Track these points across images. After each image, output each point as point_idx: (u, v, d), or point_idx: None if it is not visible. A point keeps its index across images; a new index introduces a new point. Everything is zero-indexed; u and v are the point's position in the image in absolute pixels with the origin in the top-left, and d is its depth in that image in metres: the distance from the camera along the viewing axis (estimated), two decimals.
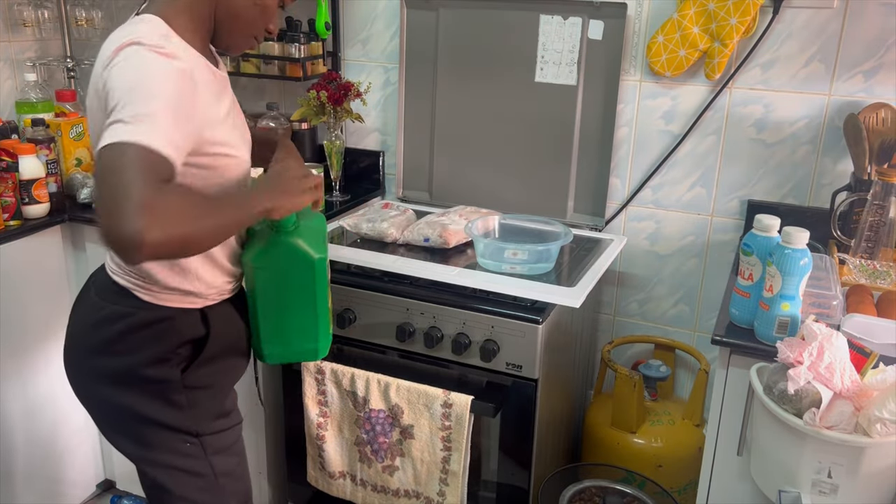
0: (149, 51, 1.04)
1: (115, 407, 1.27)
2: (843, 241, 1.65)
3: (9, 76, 2.39)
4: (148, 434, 1.27)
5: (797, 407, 1.17)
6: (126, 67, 1.03)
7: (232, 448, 1.36)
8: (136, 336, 1.22)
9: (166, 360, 1.23)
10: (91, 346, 1.26)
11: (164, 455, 1.29)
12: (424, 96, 2.13)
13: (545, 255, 1.67)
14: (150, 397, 1.25)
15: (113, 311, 1.23)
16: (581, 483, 1.79)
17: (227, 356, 1.32)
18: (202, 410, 1.29)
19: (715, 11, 1.75)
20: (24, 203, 1.92)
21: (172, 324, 1.23)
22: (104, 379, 1.26)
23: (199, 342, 1.26)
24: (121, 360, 1.23)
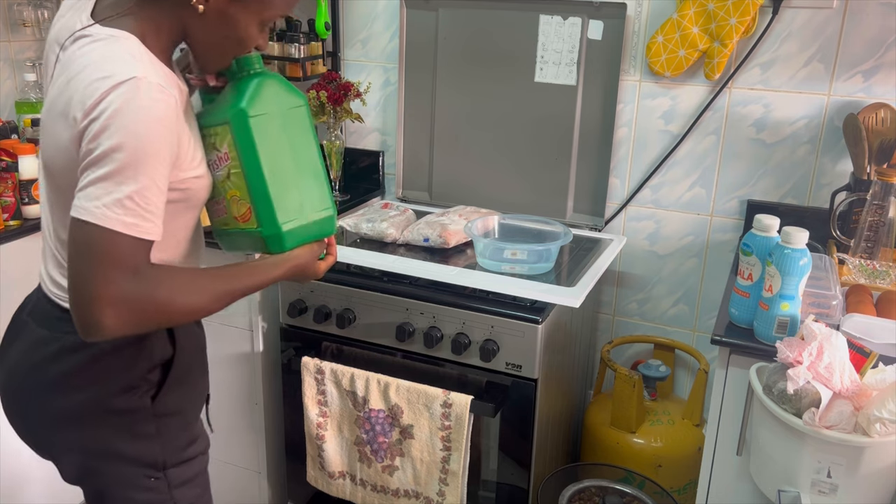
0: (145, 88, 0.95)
1: (77, 448, 1.16)
2: (842, 240, 1.65)
3: (8, 76, 2.38)
4: (108, 470, 1.17)
5: (797, 407, 1.17)
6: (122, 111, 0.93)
7: (195, 479, 1.26)
8: (101, 364, 1.10)
9: (135, 387, 1.13)
10: (45, 385, 1.13)
11: (123, 491, 1.18)
12: (424, 96, 2.13)
13: (545, 255, 1.67)
14: (115, 431, 1.14)
15: (70, 340, 1.09)
16: (580, 483, 1.79)
17: (193, 375, 1.24)
18: (171, 439, 1.19)
19: (714, 11, 1.75)
20: (24, 203, 1.92)
21: (142, 345, 1.12)
22: (64, 418, 1.14)
23: (167, 364, 1.16)
24: (83, 393, 1.12)
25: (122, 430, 1.14)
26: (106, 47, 1.00)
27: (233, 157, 1.09)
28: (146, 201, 0.95)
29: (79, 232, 0.94)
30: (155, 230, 0.97)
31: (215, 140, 1.10)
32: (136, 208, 0.94)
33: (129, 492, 1.18)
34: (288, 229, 1.13)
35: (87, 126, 0.94)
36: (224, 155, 1.09)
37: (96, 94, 0.94)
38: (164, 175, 0.98)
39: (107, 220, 0.93)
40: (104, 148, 0.93)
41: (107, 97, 0.94)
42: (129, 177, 0.93)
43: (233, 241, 1.20)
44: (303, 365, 1.69)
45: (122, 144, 0.93)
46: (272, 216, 1.11)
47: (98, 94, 0.94)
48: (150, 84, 0.96)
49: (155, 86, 0.96)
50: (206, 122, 1.12)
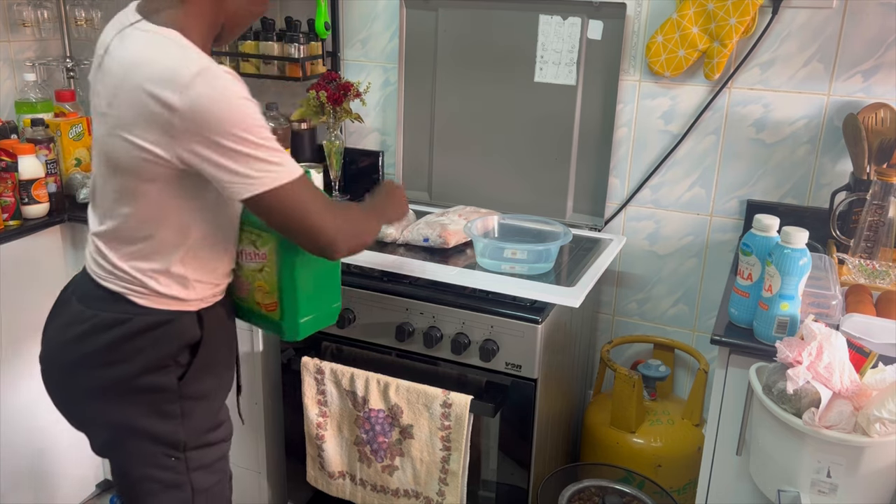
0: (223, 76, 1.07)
1: (105, 419, 1.22)
2: (842, 240, 1.65)
3: (8, 76, 2.38)
4: (131, 445, 1.22)
5: (796, 406, 1.17)
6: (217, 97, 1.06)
7: (214, 465, 1.31)
8: (132, 343, 1.17)
9: (164, 367, 1.19)
10: (79, 358, 1.20)
11: (144, 468, 1.24)
12: (424, 96, 2.13)
13: (544, 255, 1.67)
14: (141, 408, 1.20)
15: (105, 318, 1.17)
16: (580, 483, 1.79)
17: (220, 362, 1.29)
18: (194, 421, 1.24)
19: (714, 11, 1.75)
20: (24, 203, 1.92)
21: (171, 327, 1.19)
22: (94, 392, 1.21)
23: (195, 347, 1.22)
24: (114, 370, 1.18)
25: (147, 408, 1.20)
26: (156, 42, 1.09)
27: (270, 261, 1.24)
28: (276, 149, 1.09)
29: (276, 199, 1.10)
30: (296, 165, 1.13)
31: (256, 240, 1.25)
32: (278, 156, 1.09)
33: (150, 469, 1.23)
34: (303, 322, 1.29)
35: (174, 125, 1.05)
36: (262, 255, 1.25)
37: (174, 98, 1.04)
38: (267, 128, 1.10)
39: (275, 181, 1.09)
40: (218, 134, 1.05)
41: (189, 89, 1.04)
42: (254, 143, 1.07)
43: (247, 314, 1.34)
44: (302, 365, 1.70)
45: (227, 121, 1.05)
46: (295, 314, 1.27)
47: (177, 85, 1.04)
48: (219, 70, 1.07)
49: (222, 70, 1.08)
50: (248, 218, 1.25)
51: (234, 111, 1.06)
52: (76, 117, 2.17)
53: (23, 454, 2.03)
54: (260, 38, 2.16)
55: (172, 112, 1.05)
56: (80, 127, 2.15)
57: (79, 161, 2.16)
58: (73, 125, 2.13)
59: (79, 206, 2.05)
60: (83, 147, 2.17)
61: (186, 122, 1.05)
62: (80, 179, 2.09)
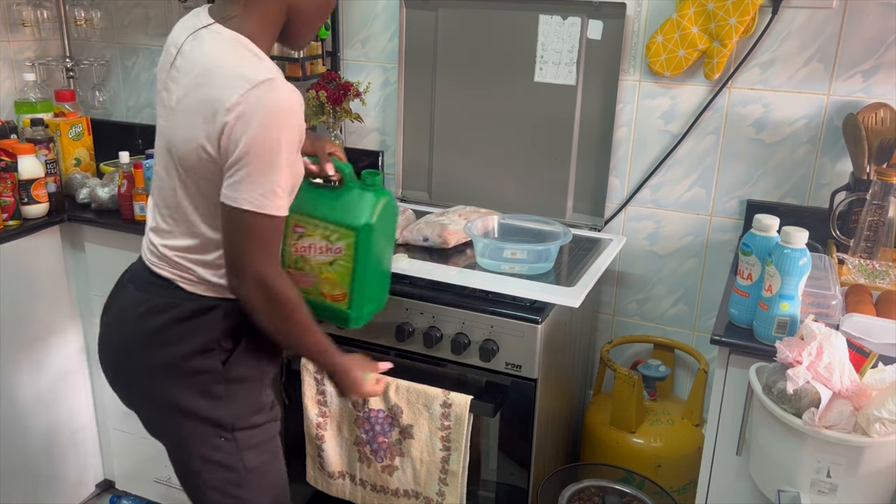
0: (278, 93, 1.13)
1: (158, 398, 1.30)
2: (842, 240, 1.65)
3: (8, 76, 2.38)
4: (185, 426, 1.30)
5: (796, 406, 1.17)
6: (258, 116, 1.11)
7: (264, 445, 1.37)
8: (181, 327, 1.25)
9: (209, 350, 1.26)
10: (132, 340, 1.30)
11: (198, 447, 1.31)
12: (424, 96, 2.13)
13: (544, 255, 1.67)
14: (191, 389, 1.28)
15: (156, 302, 1.27)
16: (580, 483, 1.79)
17: (263, 349, 1.34)
18: (240, 404, 1.31)
19: (714, 11, 1.75)
20: (23, 203, 1.92)
21: (216, 313, 1.26)
22: (146, 373, 1.30)
23: (238, 333, 1.29)
24: (164, 351, 1.26)
25: (195, 390, 1.28)
26: (230, 48, 1.17)
27: (346, 256, 1.33)
28: (283, 185, 1.16)
29: (236, 216, 1.15)
30: (285, 206, 1.18)
31: (331, 235, 1.34)
32: (280, 192, 1.15)
33: (203, 449, 1.31)
34: (367, 311, 1.40)
35: (226, 126, 1.12)
36: (337, 249, 1.33)
37: (235, 95, 1.11)
38: (293, 155, 1.18)
39: (262, 207, 1.14)
40: (249, 146, 1.11)
41: (245, 101, 1.11)
42: (272, 167, 1.13)
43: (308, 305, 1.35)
44: (302, 365, 1.69)
45: (265, 142, 1.12)
46: (362, 304, 1.36)
47: (237, 95, 1.11)
48: (282, 84, 1.14)
49: (286, 85, 1.15)
50: (323, 215, 1.35)
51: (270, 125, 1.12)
52: (76, 117, 2.17)
53: (23, 454, 2.03)
54: None
55: (229, 113, 1.12)
56: (80, 127, 2.15)
57: (78, 161, 2.16)
58: (72, 125, 2.13)
59: (78, 207, 2.05)
60: (83, 147, 2.17)
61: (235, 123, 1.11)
62: (80, 179, 2.09)
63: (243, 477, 1.34)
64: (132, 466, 2.22)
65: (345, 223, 1.33)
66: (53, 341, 2.07)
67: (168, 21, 2.44)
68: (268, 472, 1.40)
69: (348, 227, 1.33)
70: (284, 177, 1.16)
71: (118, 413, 2.17)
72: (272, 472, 1.41)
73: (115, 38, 2.54)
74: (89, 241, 2.03)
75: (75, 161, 2.15)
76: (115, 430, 2.19)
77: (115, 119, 2.62)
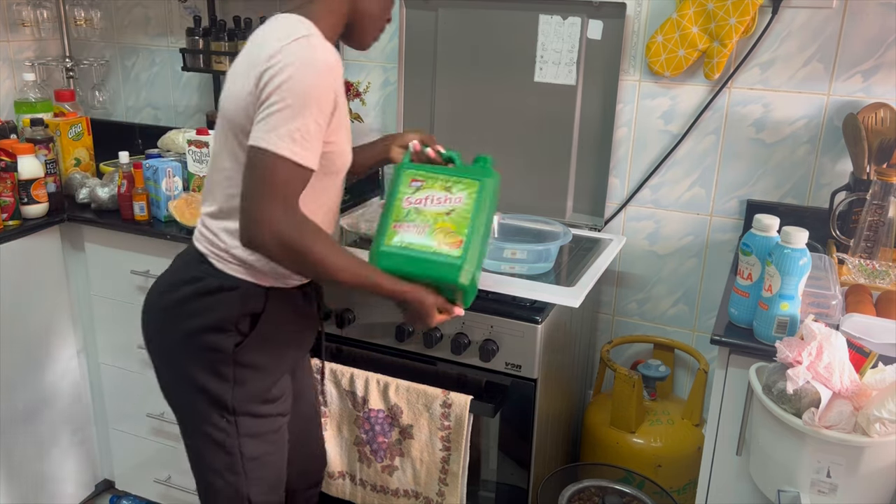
0: (315, 46, 1.18)
1: (172, 365, 1.36)
2: (842, 240, 1.65)
3: (7, 76, 2.38)
4: (191, 398, 1.34)
5: (796, 406, 1.17)
6: (296, 62, 1.16)
7: (267, 437, 1.39)
8: (202, 301, 1.30)
9: (224, 329, 1.29)
10: (159, 307, 1.36)
11: (200, 422, 1.35)
12: (423, 96, 2.13)
13: (544, 255, 1.67)
14: (202, 365, 1.31)
15: (186, 274, 1.33)
16: (580, 483, 1.79)
17: (280, 339, 1.36)
18: (246, 390, 1.33)
19: (714, 11, 1.75)
20: (23, 203, 1.92)
21: (236, 294, 1.29)
22: (166, 339, 1.35)
23: (255, 318, 1.31)
24: (183, 322, 1.31)
25: (205, 365, 1.31)
26: (285, 21, 1.22)
27: (466, 205, 1.35)
28: (308, 135, 1.16)
29: (254, 157, 1.15)
30: (312, 160, 1.18)
31: (452, 186, 1.37)
32: (301, 139, 1.15)
33: (205, 425, 1.34)
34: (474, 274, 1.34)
35: (264, 72, 1.16)
36: (457, 199, 1.36)
37: (274, 49, 1.17)
38: (324, 118, 1.19)
39: (277, 148, 1.14)
40: (278, 89, 1.14)
41: (283, 50, 1.16)
42: (297, 114, 1.14)
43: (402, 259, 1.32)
44: None
45: (293, 87, 1.14)
46: (473, 258, 1.33)
47: (275, 48, 1.16)
48: (319, 41, 1.19)
49: (326, 45, 1.20)
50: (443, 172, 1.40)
51: (303, 75, 1.15)
52: (75, 117, 2.17)
53: (23, 454, 2.03)
54: None
55: (268, 61, 1.17)
56: (80, 127, 2.15)
57: (78, 161, 2.16)
58: (72, 125, 2.13)
59: (78, 206, 2.05)
60: (82, 147, 2.17)
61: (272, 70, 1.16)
62: (80, 179, 2.09)
63: (239, 463, 1.36)
64: (132, 466, 2.22)
65: (469, 175, 1.38)
66: (53, 341, 2.07)
67: (168, 21, 2.44)
68: (267, 465, 1.41)
69: (472, 178, 1.37)
70: (312, 130, 1.16)
71: (118, 413, 2.17)
72: (271, 465, 1.42)
73: (114, 37, 2.54)
74: (89, 241, 2.03)
75: (75, 161, 2.15)
76: (115, 430, 2.19)
77: (115, 119, 2.62)
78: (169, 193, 1.91)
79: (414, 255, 1.31)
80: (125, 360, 2.08)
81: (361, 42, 1.37)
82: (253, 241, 1.16)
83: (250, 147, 1.16)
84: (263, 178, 1.15)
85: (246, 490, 1.38)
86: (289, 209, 1.16)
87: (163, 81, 2.53)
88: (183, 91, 2.51)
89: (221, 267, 1.30)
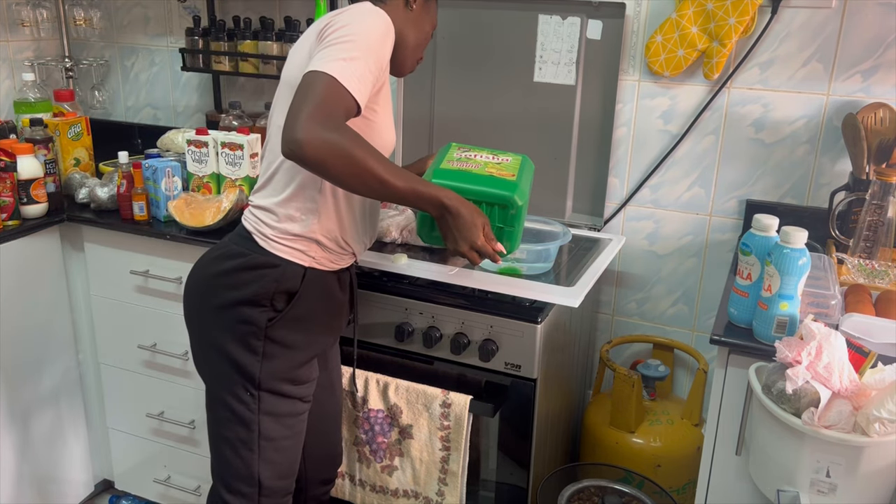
0: (375, 8, 1.28)
1: (205, 333, 1.40)
2: (841, 240, 1.65)
3: (7, 76, 2.38)
4: (219, 366, 1.38)
5: (796, 406, 1.17)
6: (355, 9, 1.26)
7: (285, 419, 1.41)
8: (242, 275, 1.34)
9: (260, 304, 1.33)
10: (201, 277, 1.41)
11: (223, 391, 1.38)
12: (423, 96, 2.13)
13: (544, 255, 1.67)
14: (233, 335, 1.35)
15: (231, 249, 1.38)
16: (580, 483, 1.79)
17: (314, 324, 1.40)
18: (273, 366, 1.36)
19: (713, 11, 1.75)
20: (23, 203, 1.92)
21: (275, 271, 1.33)
22: (204, 308, 1.39)
23: (291, 296, 1.35)
24: (222, 293, 1.35)
25: (237, 336, 1.35)
26: None
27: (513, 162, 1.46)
28: (359, 71, 1.18)
29: (305, 79, 1.17)
30: (360, 93, 1.18)
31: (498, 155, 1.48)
32: (353, 70, 1.17)
33: (228, 397, 1.38)
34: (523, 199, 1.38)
35: (326, 26, 1.23)
36: (504, 159, 1.46)
37: (336, 11, 1.27)
38: (377, 69, 1.23)
39: (327, 68, 1.16)
40: (340, 29, 1.21)
41: (347, 9, 1.26)
42: (352, 49, 1.18)
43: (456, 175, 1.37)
44: None
45: (351, 31, 1.20)
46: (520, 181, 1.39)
47: (338, 11, 1.27)
48: (378, 5, 1.29)
49: (381, 8, 1.29)
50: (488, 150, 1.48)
51: (355, 19, 1.23)
52: (75, 117, 2.17)
53: (22, 454, 2.03)
54: (259, 38, 2.16)
55: (330, 19, 1.25)
56: (79, 127, 2.15)
57: (78, 161, 2.16)
58: (71, 125, 2.13)
59: (78, 206, 2.05)
60: (82, 147, 2.16)
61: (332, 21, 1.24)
62: (79, 179, 2.09)
63: (256, 441, 1.39)
64: (131, 466, 2.22)
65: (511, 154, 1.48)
66: (53, 341, 2.07)
67: (167, 21, 2.44)
68: (283, 449, 1.43)
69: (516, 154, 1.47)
70: (363, 70, 1.18)
71: (118, 413, 2.17)
72: (285, 451, 1.44)
73: (114, 37, 2.54)
74: (88, 241, 2.03)
75: (74, 161, 2.15)
76: (115, 430, 2.19)
77: (115, 119, 2.62)
78: (168, 193, 1.91)
79: (471, 173, 1.37)
80: (125, 360, 2.08)
81: (398, 69, 1.43)
82: (292, 143, 1.11)
83: (304, 74, 1.18)
84: (307, 91, 1.14)
85: (257, 469, 1.40)
86: (330, 118, 1.13)
87: (162, 81, 2.53)
88: (182, 91, 2.51)
89: (264, 245, 1.34)
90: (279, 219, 1.34)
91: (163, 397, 2.05)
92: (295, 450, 1.46)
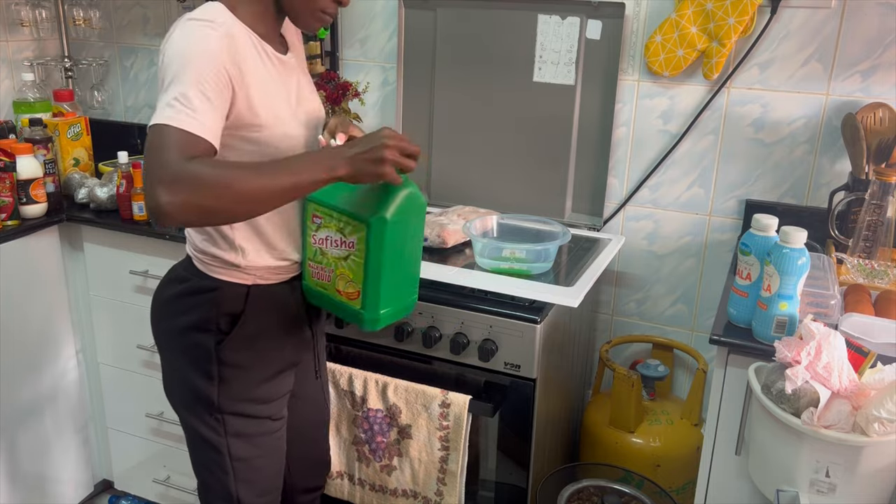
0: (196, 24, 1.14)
1: (166, 359, 1.40)
2: (840, 240, 1.65)
3: (6, 76, 2.38)
4: (184, 395, 1.37)
5: (795, 406, 1.17)
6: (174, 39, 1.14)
7: (255, 439, 1.38)
8: (187, 300, 1.32)
9: (206, 329, 1.30)
10: (160, 300, 1.39)
11: (190, 418, 1.37)
12: (422, 96, 2.13)
13: (543, 255, 1.67)
14: (189, 361, 1.33)
15: (178, 273, 1.36)
16: (579, 483, 1.79)
17: (264, 341, 1.35)
18: (231, 390, 1.33)
19: (713, 11, 1.75)
20: (22, 203, 1.92)
21: (216, 294, 1.30)
22: (161, 334, 1.39)
23: (235, 319, 1.31)
24: (171, 320, 1.35)
25: (191, 362, 1.33)
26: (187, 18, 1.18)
27: (359, 250, 1.25)
28: (188, 101, 1.08)
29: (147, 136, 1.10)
30: (195, 125, 1.08)
31: (345, 228, 1.26)
32: (180, 106, 1.08)
33: (195, 423, 1.36)
34: (384, 313, 1.30)
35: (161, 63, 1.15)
36: (350, 243, 1.26)
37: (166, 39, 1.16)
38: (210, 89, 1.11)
39: (159, 118, 1.08)
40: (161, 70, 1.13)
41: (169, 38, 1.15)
42: (175, 84, 1.10)
43: (325, 301, 1.35)
44: None
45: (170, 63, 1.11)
46: (377, 304, 1.28)
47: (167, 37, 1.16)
48: (198, 21, 1.14)
49: (202, 22, 1.14)
50: (340, 205, 1.26)
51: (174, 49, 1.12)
52: (74, 117, 2.17)
53: (22, 454, 2.03)
54: None
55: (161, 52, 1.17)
56: (79, 127, 2.15)
57: (77, 161, 2.16)
58: (71, 125, 2.13)
59: (77, 206, 2.05)
60: (81, 147, 2.16)
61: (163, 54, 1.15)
62: (79, 179, 2.09)
63: (228, 463, 1.37)
64: (131, 466, 2.22)
65: (358, 216, 1.23)
66: (52, 341, 2.07)
67: (167, 21, 2.44)
68: (258, 468, 1.40)
69: (360, 221, 1.23)
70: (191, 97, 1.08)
71: (117, 413, 2.17)
72: (261, 469, 1.41)
73: (113, 37, 2.54)
74: (88, 241, 2.03)
75: (74, 161, 2.15)
76: (114, 430, 2.19)
77: (114, 119, 2.62)
78: None
79: (328, 298, 1.33)
80: (124, 359, 2.08)
81: (300, 24, 1.30)
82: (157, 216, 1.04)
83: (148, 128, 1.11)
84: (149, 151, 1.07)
85: (235, 490, 1.38)
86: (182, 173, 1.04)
87: None
88: None
89: (203, 269, 1.32)
90: (210, 243, 1.30)
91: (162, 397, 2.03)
92: (272, 467, 1.44)
